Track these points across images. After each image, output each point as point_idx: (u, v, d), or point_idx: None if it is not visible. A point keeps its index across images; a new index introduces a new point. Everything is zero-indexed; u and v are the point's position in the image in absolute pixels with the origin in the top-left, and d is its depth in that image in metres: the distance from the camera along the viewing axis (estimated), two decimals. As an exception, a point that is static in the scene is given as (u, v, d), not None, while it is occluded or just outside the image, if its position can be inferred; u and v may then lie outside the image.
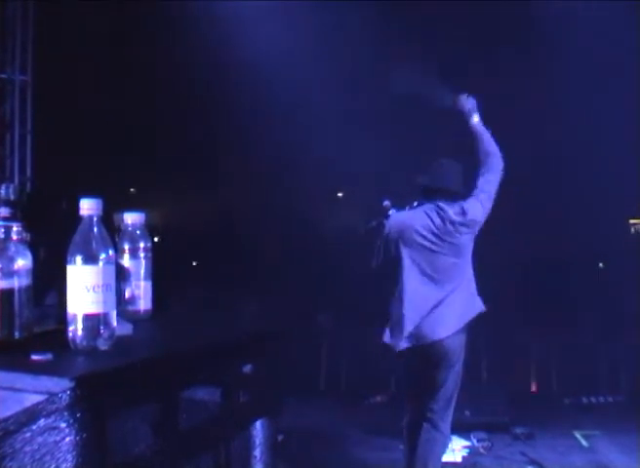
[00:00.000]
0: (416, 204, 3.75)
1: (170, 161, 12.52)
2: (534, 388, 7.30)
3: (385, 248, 3.64)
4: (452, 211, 3.57)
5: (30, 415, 1.09)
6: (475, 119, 3.73)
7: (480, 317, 3.80)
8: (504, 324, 8.32)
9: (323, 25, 8.51)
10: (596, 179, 10.25)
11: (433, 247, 3.56)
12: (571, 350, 7.44)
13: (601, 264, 11.47)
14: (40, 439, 1.10)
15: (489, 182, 3.65)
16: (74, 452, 1.10)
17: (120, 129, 11.19)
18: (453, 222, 3.56)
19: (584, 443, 5.16)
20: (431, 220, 3.57)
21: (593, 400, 6.51)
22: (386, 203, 3.93)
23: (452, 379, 3.57)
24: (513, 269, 9.87)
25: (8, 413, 1.11)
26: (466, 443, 5.02)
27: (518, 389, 7.14)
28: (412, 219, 3.63)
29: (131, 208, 1.85)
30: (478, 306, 3.66)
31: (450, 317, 3.55)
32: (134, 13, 8.87)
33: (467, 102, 3.76)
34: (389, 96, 10.17)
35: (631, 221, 14.19)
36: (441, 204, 3.59)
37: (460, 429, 5.08)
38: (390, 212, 3.72)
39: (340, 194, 14.67)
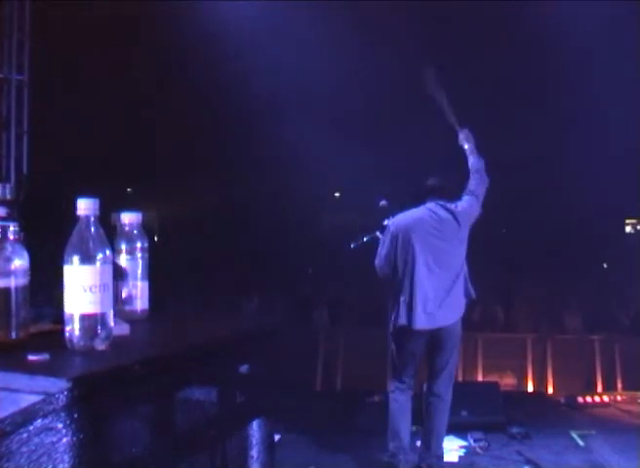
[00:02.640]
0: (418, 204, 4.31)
1: (168, 161, 12.51)
2: (530, 388, 7.31)
3: (392, 245, 4.16)
4: (449, 205, 4.21)
5: (27, 416, 1.09)
6: (465, 146, 4.40)
7: (478, 317, 4.00)
8: (501, 323, 8.34)
9: (325, 28, 8.51)
10: (595, 179, 10.27)
11: (440, 235, 4.12)
12: (566, 349, 7.45)
13: (603, 265, 11.48)
14: (37, 439, 1.09)
15: (477, 190, 4.30)
16: (71, 453, 1.10)
17: (118, 129, 11.17)
18: (452, 212, 4.16)
19: (580, 442, 5.16)
20: (436, 213, 4.17)
21: (589, 399, 6.52)
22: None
23: (454, 357, 4.23)
24: (510, 269, 9.89)
25: (4, 414, 1.10)
26: (463, 443, 5.02)
27: (514, 389, 7.16)
28: (421, 214, 4.20)
29: (128, 207, 1.85)
30: (472, 292, 4.21)
31: (457, 303, 4.12)
32: (130, 12, 8.85)
33: (462, 134, 4.43)
34: (389, 98, 10.22)
35: (627, 221, 14.24)
36: (441, 202, 4.20)
37: (457, 429, 5.09)
38: (386, 222, 4.30)
39: (337, 194, 14.66)
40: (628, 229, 14.59)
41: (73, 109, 10.26)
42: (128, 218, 1.82)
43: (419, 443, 4.71)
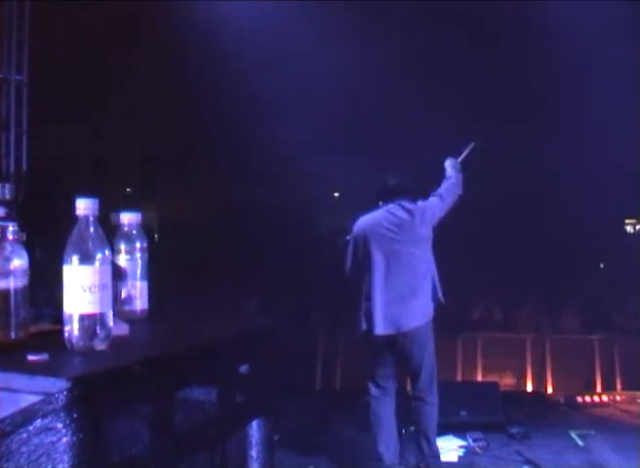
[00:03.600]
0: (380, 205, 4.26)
1: (168, 161, 12.50)
2: (529, 388, 7.31)
3: (354, 249, 4.15)
4: (409, 204, 4.14)
5: (27, 416, 1.09)
6: (448, 173, 4.38)
7: (476, 317, 3.98)
8: (500, 323, 8.34)
9: (325, 28, 8.51)
10: (595, 179, 10.28)
11: (397, 236, 4.04)
12: (566, 349, 7.46)
13: (602, 265, 11.47)
14: (36, 439, 1.09)
15: (445, 193, 4.24)
16: (71, 453, 1.10)
17: (117, 128, 11.16)
18: (410, 211, 4.08)
19: (580, 442, 5.16)
20: (394, 214, 4.09)
21: (588, 399, 6.52)
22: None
23: (428, 358, 4.11)
24: (510, 269, 9.88)
25: (4, 414, 1.10)
26: (462, 442, 5.02)
27: (513, 389, 7.16)
28: (378, 216, 4.14)
29: (127, 207, 1.85)
30: (440, 297, 4.12)
31: (422, 307, 4.04)
32: (130, 12, 8.85)
33: (449, 162, 4.42)
34: (389, 98, 10.22)
35: (627, 221, 14.24)
36: (402, 202, 4.13)
37: (456, 429, 5.10)
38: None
39: (336, 194, 14.66)
40: (628, 229, 14.59)
41: (73, 109, 10.26)
42: (127, 218, 1.83)
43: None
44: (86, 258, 1.37)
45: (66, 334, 1.39)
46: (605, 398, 6.62)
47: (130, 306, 1.82)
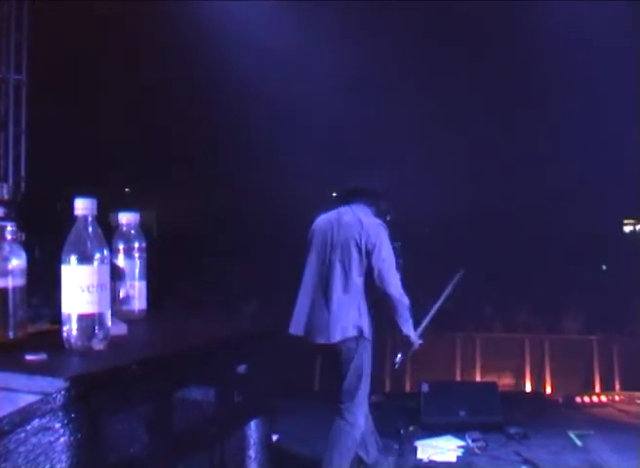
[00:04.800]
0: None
1: (168, 161, 12.50)
2: (528, 388, 7.31)
3: (308, 248, 3.89)
4: (358, 207, 3.78)
5: (24, 416, 1.09)
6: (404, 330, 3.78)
7: (476, 317, 3.89)
8: (499, 324, 8.34)
9: (325, 27, 8.51)
10: (594, 179, 10.29)
11: (335, 239, 3.72)
12: (565, 349, 7.46)
13: (601, 265, 11.47)
14: (34, 439, 1.09)
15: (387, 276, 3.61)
16: (68, 453, 1.10)
17: (117, 129, 11.16)
18: (355, 215, 3.73)
19: (578, 442, 5.15)
20: (342, 215, 3.77)
21: (587, 399, 6.52)
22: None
23: (352, 374, 3.68)
24: (509, 269, 9.89)
25: (2, 414, 1.10)
26: (461, 442, 5.02)
27: (512, 389, 7.16)
28: (325, 218, 3.85)
29: (126, 207, 1.85)
30: (363, 330, 3.64)
31: (339, 323, 3.62)
32: (130, 12, 8.85)
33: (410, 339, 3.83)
34: (389, 97, 10.24)
35: (626, 221, 14.25)
36: (354, 205, 3.79)
37: (455, 429, 5.09)
38: None
39: (335, 194, 14.66)
40: (627, 229, 14.61)
41: (72, 109, 10.26)
42: (126, 218, 1.83)
43: (416, 443, 4.73)
44: (84, 258, 1.37)
45: (65, 334, 1.39)
46: (604, 398, 6.61)
47: (128, 306, 1.82)
